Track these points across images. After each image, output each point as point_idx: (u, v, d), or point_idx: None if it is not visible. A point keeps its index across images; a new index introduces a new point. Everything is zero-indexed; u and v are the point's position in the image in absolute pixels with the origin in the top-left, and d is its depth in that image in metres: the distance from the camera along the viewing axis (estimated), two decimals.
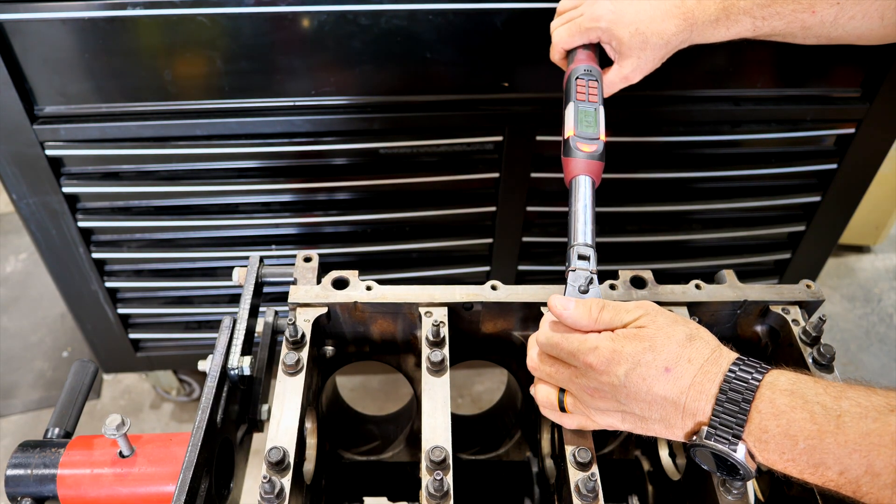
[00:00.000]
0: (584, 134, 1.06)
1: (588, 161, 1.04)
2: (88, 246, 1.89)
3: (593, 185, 1.03)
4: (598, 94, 1.12)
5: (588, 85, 1.13)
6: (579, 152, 1.04)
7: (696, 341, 0.80)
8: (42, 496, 0.95)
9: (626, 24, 1.11)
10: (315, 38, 1.56)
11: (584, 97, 1.11)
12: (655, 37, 1.11)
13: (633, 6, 1.12)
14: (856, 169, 1.94)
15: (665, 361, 0.79)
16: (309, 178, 1.82)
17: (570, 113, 1.10)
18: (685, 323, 0.83)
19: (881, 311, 2.98)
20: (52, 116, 1.64)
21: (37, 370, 2.71)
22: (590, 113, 1.09)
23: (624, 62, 1.15)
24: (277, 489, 0.85)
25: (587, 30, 1.16)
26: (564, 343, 0.86)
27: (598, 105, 1.10)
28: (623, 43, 1.13)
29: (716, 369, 0.77)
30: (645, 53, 1.13)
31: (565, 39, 1.19)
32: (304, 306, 1.06)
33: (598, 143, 1.05)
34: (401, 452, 1.30)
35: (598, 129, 1.07)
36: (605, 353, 0.81)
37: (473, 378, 2.65)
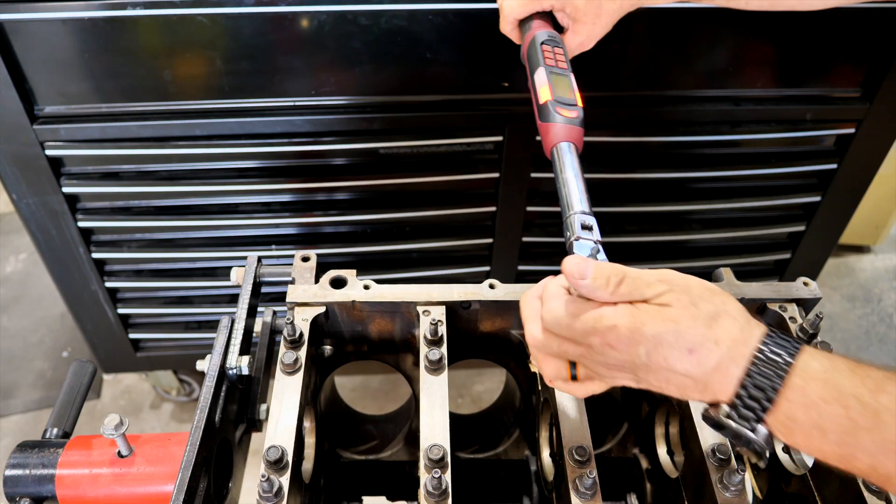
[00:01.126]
0: (562, 99, 1.00)
1: (570, 127, 0.98)
2: (88, 246, 1.89)
3: (577, 152, 0.97)
4: (566, 61, 1.07)
5: (555, 52, 1.08)
6: (559, 117, 0.98)
7: (723, 319, 0.74)
8: (41, 496, 0.95)
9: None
10: (315, 38, 1.56)
11: (553, 63, 1.06)
12: (609, 1, 1.09)
13: None
14: (856, 169, 1.94)
15: (689, 343, 0.72)
16: (309, 178, 1.82)
17: (541, 77, 1.04)
18: (712, 296, 0.76)
19: (881, 311, 2.98)
20: (52, 116, 1.65)
21: (37, 370, 2.71)
22: (564, 78, 1.04)
23: (579, 29, 1.12)
24: (276, 488, 0.85)
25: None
26: (577, 324, 0.77)
27: (568, 71, 1.06)
28: (578, 9, 1.10)
29: (744, 350, 0.72)
30: (600, 20, 1.11)
31: (517, 9, 1.14)
32: (302, 306, 1.06)
33: (578, 108, 1.00)
34: (399, 451, 1.30)
35: (574, 94, 1.02)
36: (624, 332, 0.74)
37: (473, 378, 2.65)
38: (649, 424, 1.18)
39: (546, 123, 0.99)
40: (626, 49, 1.65)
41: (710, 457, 0.92)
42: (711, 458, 0.91)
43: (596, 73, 1.69)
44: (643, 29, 1.61)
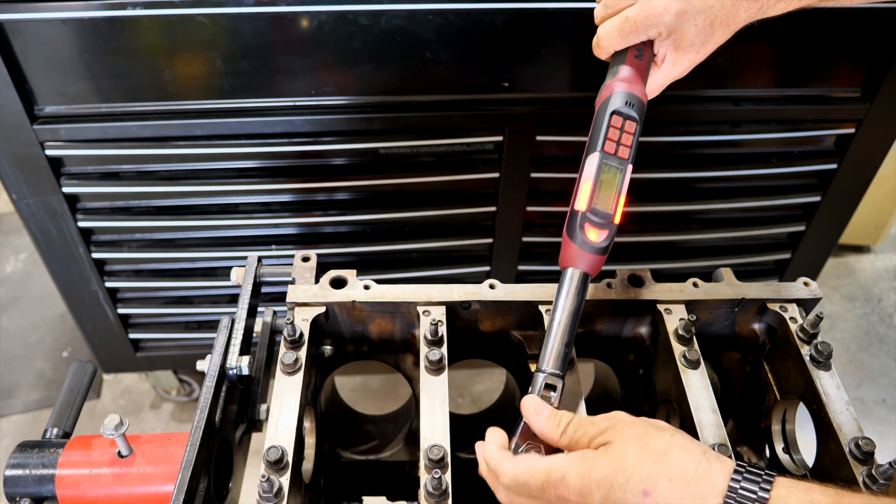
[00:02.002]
0: (598, 211, 0.91)
1: (589, 256, 0.91)
2: (88, 246, 1.89)
3: (586, 282, 0.92)
4: (632, 145, 0.94)
5: (624, 127, 0.94)
6: (582, 239, 0.90)
7: (673, 453, 0.70)
8: (41, 496, 0.95)
9: (694, 15, 0.91)
10: (315, 38, 1.56)
11: (614, 148, 0.93)
12: (724, 26, 0.93)
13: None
14: (856, 169, 1.94)
15: (641, 483, 0.69)
16: (309, 178, 1.82)
17: (590, 169, 0.92)
18: (659, 432, 0.74)
19: (881, 311, 2.98)
20: (52, 116, 1.64)
21: (37, 370, 2.71)
22: (614, 174, 0.92)
23: (680, 59, 0.97)
24: (276, 488, 0.85)
25: (646, 28, 0.93)
26: (531, 480, 0.77)
27: (627, 163, 0.93)
28: (685, 39, 0.93)
29: (708, 488, 0.67)
30: (706, 48, 0.95)
31: (615, 40, 0.95)
32: (302, 306, 1.06)
33: (610, 229, 0.91)
34: (399, 451, 1.30)
35: (615, 203, 0.91)
36: (574, 481, 0.73)
37: (473, 378, 2.65)
38: None
39: (568, 240, 0.92)
40: None
41: None
42: None
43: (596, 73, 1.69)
44: None
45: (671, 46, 0.95)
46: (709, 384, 1.00)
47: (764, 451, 1.17)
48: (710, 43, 0.95)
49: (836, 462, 0.93)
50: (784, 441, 1.12)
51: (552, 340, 0.91)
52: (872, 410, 2.61)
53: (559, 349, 0.90)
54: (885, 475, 0.86)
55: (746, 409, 1.20)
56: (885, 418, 2.58)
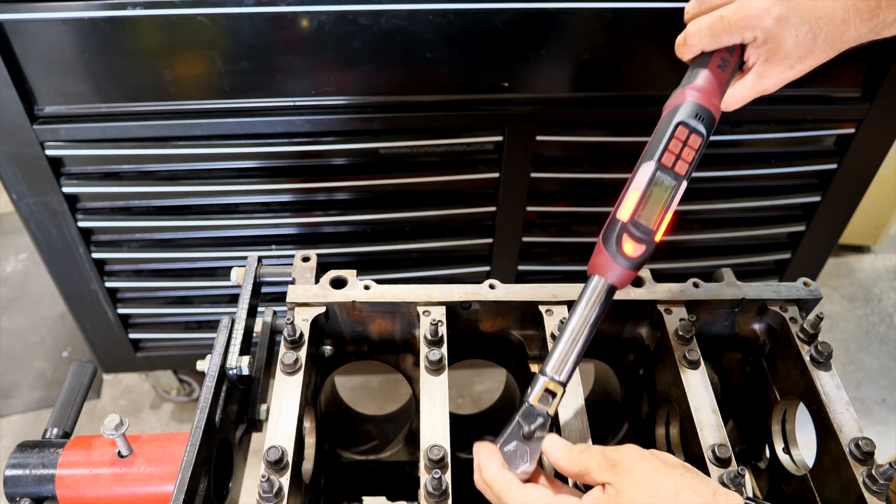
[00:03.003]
0: (640, 225, 0.85)
1: (623, 270, 0.85)
2: (88, 246, 1.89)
3: (611, 295, 0.87)
4: (693, 161, 0.87)
5: (688, 141, 0.87)
6: (619, 252, 0.84)
7: (684, 496, 0.70)
8: (41, 496, 0.95)
9: (797, 24, 0.83)
10: (315, 38, 1.56)
11: (673, 161, 0.86)
12: (828, 42, 0.85)
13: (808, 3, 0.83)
14: (856, 169, 1.94)
15: None
16: (309, 178, 1.82)
17: (642, 178, 0.87)
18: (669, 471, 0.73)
19: (881, 311, 2.98)
20: (52, 116, 1.64)
21: (37, 370, 2.71)
22: (666, 189, 0.85)
23: (771, 71, 0.88)
24: (276, 488, 0.85)
25: (741, 29, 0.84)
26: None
27: (682, 180, 0.86)
28: (782, 49, 0.85)
29: None
30: (802, 63, 0.87)
31: (705, 39, 0.87)
32: (302, 306, 1.06)
33: (648, 245, 0.85)
34: (399, 452, 1.30)
35: (660, 220, 0.85)
36: None
37: (473, 378, 2.65)
38: (649, 425, 1.18)
39: (602, 248, 0.86)
40: (627, 49, 1.65)
41: (710, 457, 0.91)
42: (711, 459, 0.91)
43: (596, 73, 1.69)
44: (643, 28, 1.61)
45: (764, 55, 0.87)
46: (709, 384, 1.00)
47: (764, 452, 1.17)
48: (809, 59, 0.87)
49: (836, 462, 0.93)
50: (784, 441, 1.12)
51: (563, 346, 0.86)
52: (872, 410, 2.61)
53: (568, 357, 0.86)
54: (884, 475, 0.86)
55: (746, 409, 1.20)
56: (885, 418, 2.58)
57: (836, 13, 0.82)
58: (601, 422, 1.29)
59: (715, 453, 0.91)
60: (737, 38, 0.86)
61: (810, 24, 0.83)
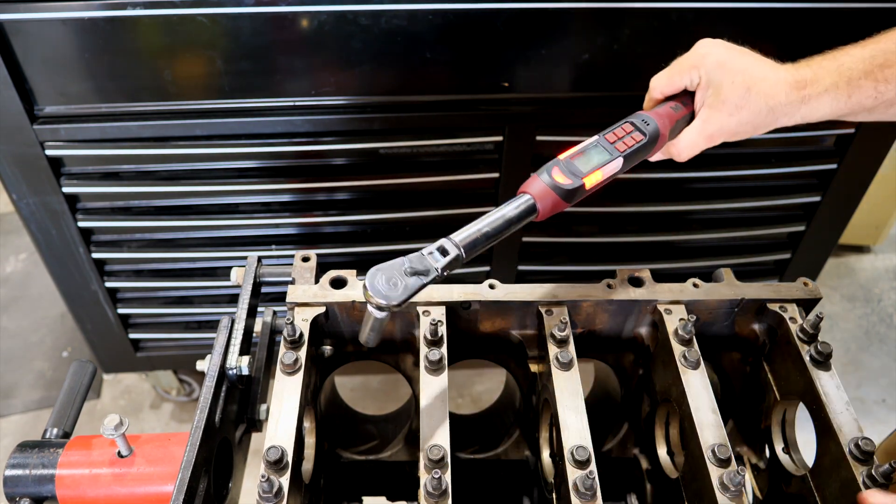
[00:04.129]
0: (573, 165, 0.94)
1: (545, 188, 0.92)
2: (88, 246, 1.89)
3: (531, 211, 0.91)
4: (632, 149, 0.97)
5: (631, 134, 0.99)
6: (547, 176, 0.92)
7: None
8: (41, 496, 0.95)
9: (733, 71, 0.96)
10: (315, 38, 1.56)
11: (614, 140, 0.98)
12: (760, 97, 0.95)
13: (745, 59, 0.97)
14: (856, 169, 1.94)
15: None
16: (309, 178, 1.82)
17: (584, 143, 0.98)
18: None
19: (881, 311, 2.98)
20: (52, 116, 1.64)
21: (37, 370, 2.71)
22: (603, 154, 0.96)
23: (713, 116, 0.98)
24: (276, 488, 0.85)
25: (690, 68, 1.00)
26: None
27: (619, 156, 0.96)
28: (721, 92, 0.97)
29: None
30: (741, 113, 0.96)
31: (663, 82, 1.03)
32: (302, 306, 1.06)
33: (577, 182, 0.92)
34: (399, 451, 1.30)
35: (591, 169, 0.94)
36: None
37: (473, 378, 2.65)
38: (649, 425, 1.18)
39: (534, 174, 0.94)
40: (626, 49, 1.65)
41: (710, 457, 0.91)
42: (711, 459, 0.91)
43: (596, 73, 1.69)
44: (643, 28, 1.61)
45: (707, 99, 0.99)
46: (709, 384, 1.00)
47: (764, 451, 1.17)
48: (745, 110, 0.96)
49: (836, 462, 0.93)
50: (784, 441, 1.12)
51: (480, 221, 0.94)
52: (872, 410, 2.61)
53: (476, 229, 0.94)
54: (884, 475, 0.86)
55: (746, 409, 1.20)
56: (885, 418, 2.58)
57: (768, 74, 0.96)
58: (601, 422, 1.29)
59: (715, 453, 0.91)
60: (686, 78, 1.01)
61: (744, 75, 0.96)
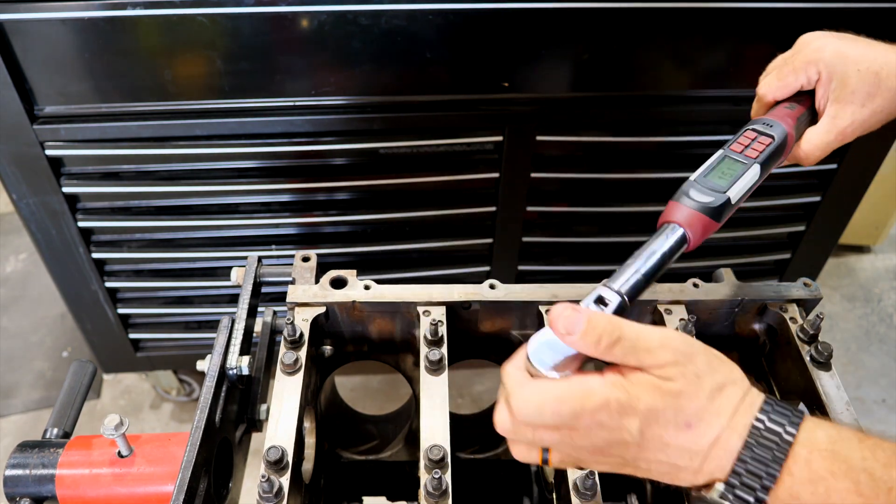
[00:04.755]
0: (708, 182, 0.84)
1: (693, 212, 0.81)
2: (88, 246, 1.89)
3: (682, 241, 0.81)
4: (765, 154, 0.88)
5: (757, 139, 0.90)
6: (687, 199, 0.82)
7: (727, 389, 0.66)
8: (41, 496, 0.95)
9: (857, 60, 0.88)
10: (315, 38, 1.56)
11: (741, 149, 0.89)
12: (892, 80, 0.88)
13: (861, 46, 0.89)
14: (856, 169, 1.94)
15: (688, 416, 0.65)
16: (309, 178, 1.82)
17: (711, 160, 0.89)
18: (719, 365, 0.68)
19: (881, 311, 2.98)
20: (52, 116, 1.64)
21: (37, 370, 2.71)
22: (734, 166, 0.87)
23: (843, 110, 0.91)
24: (276, 488, 0.85)
25: (805, 65, 0.91)
26: (564, 408, 0.66)
27: (753, 163, 0.87)
28: (847, 85, 0.89)
29: (744, 420, 0.65)
30: (873, 101, 0.89)
31: (774, 86, 0.95)
32: (302, 306, 1.06)
33: (720, 197, 0.83)
34: (399, 451, 1.30)
35: (731, 184, 0.84)
36: (615, 406, 0.65)
37: (473, 378, 2.65)
38: None
39: (672, 202, 0.84)
40: (626, 49, 1.65)
41: None
42: None
43: (596, 73, 1.69)
44: (643, 29, 1.61)
45: (832, 94, 0.91)
46: None
47: None
48: (878, 98, 0.89)
49: None
50: None
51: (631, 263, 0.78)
52: (872, 410, 2.61)
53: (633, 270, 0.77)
54: None
55: None
56: (885, 418, 2.58)
57: (890, 57, 0.87)
58: None
59: None
60: (802, 77, 0.92)
61: (868, 61, 0.88)
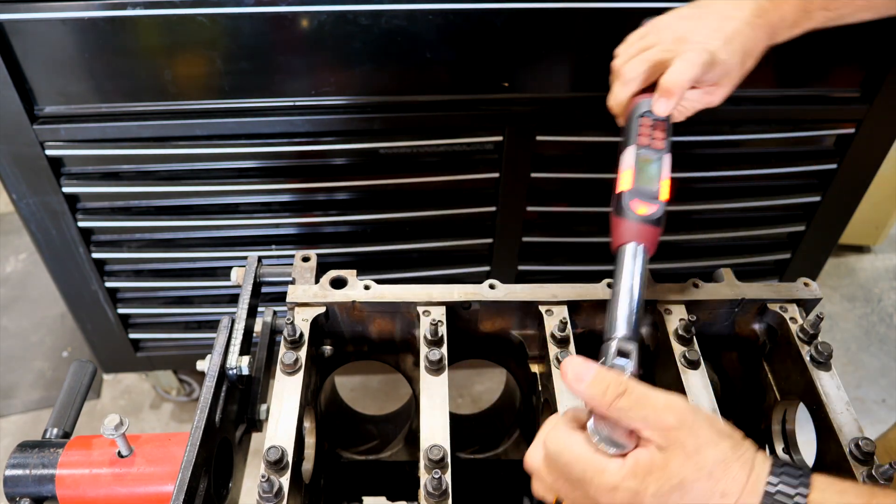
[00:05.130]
0: (642, 190, 0.90)
1: (642, 226, 0.88)
2: (88, 246, 1.89)
3: (646, 255, 0.88)
4: (666, 139, 0.95)
5: (654, 125, 0.96)
6: (632, 214, 0.88)
7: (731, 467, 0.67)
8: (41, 496, 0.95)
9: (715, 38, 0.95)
10: (315, 38, 1.56)
11: (648, 140, 0.95)
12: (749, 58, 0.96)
13: (713, 22, 0.95)
14: (856, 169, 1.94)
15: (695, 499, 0.66)
16: (309, 178, 1.82)
17: (627, 159, 0.94)
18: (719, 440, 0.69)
19: (881, 311, 2.98)
20: (52, 116, 1.64)
21: (37, 370, 2.71)
22: (651, 162, 0.93)
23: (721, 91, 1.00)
24: (276, 488, 0.85)
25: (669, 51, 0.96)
26: (575, 466, 0.70)
27: (663, 153, 0.94)
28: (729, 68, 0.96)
29: (753, 499, 0.66)
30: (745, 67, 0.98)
31: (639, 72, 0.97)
32: (302, 306, 1.06)
33: (658, 203, 0.89)
34: (399, 452, 1.30)
35: (658, 185, 0.91)
36: (623, 496, 0.68)
37: (473, 378, 2.65)
38: None
39: (617, 218, 0.90)
40: None
41: None
42: None
43: (596, 74, 1.69)
44: None
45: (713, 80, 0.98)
46: (709, 384, 1.00)
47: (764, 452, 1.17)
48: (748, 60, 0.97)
49: (836, 462, 0.93)
50: (784, 441, 1.12)
51: (620, 305, 0.84)
52: (872, 410, 2.62)
53: (628, 312, 0.83)
54: (885, 476, 0.86)
55: (746, 410, 1.20)
56: (885, 418, 2.58)
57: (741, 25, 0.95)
58: None
59: None
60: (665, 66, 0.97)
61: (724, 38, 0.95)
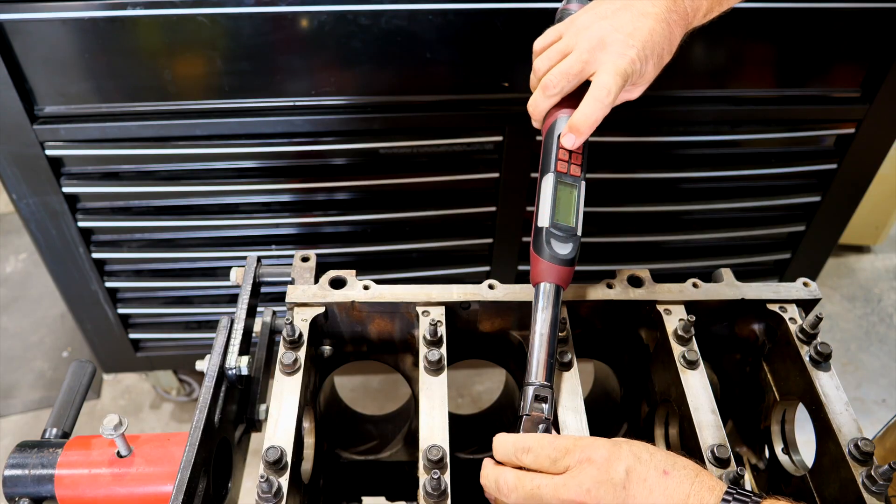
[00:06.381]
0: (560, 227, 0.95)
1: (556, 268, 0.94)
2: (88, 246, 1.89)
3: (559, 295, 0.95)
4: (582, 163, 0.98)
5: (572, 154, 0.98)
6: (548, 252, 0.94)
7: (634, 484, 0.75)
8: (40, 496, 0.95)
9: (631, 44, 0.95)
10: (315, 38, 1.56)
11: (566, 166, 0.97)
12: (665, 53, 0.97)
13: (629, 23, 0.94)
14: (856, 169, 1.94)
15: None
16: (309, 178, 1.82)
17: (546, 190, 0.97)
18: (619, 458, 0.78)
19: (881, 311, 2.98)
20: (52, 116, 1.64)
21: (37, 370, 2.71)
22: (570, 192, 0.97)
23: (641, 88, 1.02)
24: (275, 488, 0.85)
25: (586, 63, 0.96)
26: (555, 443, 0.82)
27: (580, 180, 0.98)
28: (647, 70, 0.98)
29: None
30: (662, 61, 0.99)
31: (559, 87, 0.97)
32: (301, 306, 1.06)
33: (574, 241, 0.95)
34: (399, 452, 1.30)
35: (575, 218, 0.96)
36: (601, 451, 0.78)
37: (473, 378, 2.65)
38: (649, 425, 1.17)
39: (535, 256, 0.95)
40: None
41: (709, 458, 0.91)
42: (711, 459, 0.91)
43: None
44: None
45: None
46: (708, 384, 1.00)
47: (763, 452, 1.17)
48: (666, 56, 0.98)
49: (835, 463, 0.93)
50: (783, 442, 1.12)
51: (536, 353, 0.93)
52: (872, 410, 2.61)
53: (544, 361, 0.93)
54: (884, 476, 0.86)
55: (746, 410, 1.20)
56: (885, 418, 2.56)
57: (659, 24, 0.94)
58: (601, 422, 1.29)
59: (714, 454, 0.91)
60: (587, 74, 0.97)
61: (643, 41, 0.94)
